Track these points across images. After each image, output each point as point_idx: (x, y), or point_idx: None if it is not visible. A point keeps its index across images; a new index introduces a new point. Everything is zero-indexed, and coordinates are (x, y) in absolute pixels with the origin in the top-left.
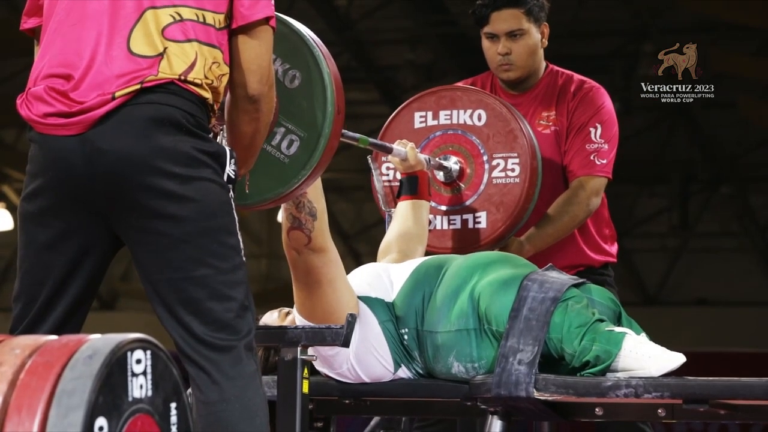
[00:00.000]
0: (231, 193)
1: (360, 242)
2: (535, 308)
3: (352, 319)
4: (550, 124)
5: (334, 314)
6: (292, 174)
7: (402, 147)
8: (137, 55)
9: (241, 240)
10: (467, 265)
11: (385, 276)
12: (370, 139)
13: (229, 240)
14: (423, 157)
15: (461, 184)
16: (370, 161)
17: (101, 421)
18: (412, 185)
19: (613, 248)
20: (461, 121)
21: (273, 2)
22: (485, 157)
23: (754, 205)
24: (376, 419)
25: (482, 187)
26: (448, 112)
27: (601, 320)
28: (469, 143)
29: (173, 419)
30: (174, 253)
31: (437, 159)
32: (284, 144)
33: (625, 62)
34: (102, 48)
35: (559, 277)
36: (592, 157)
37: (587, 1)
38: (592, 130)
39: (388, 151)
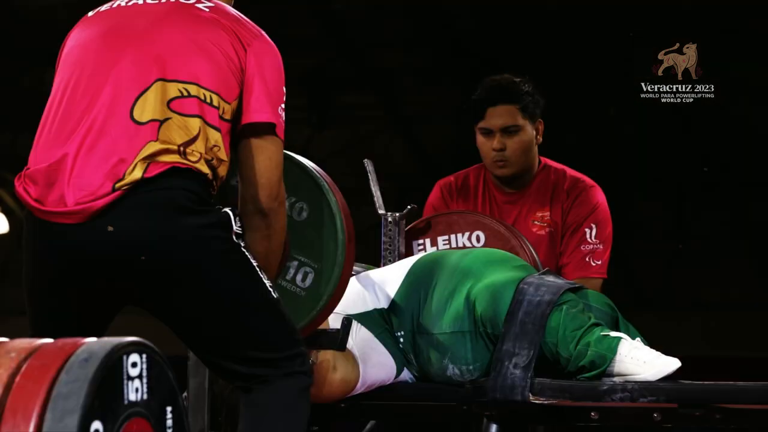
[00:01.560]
0: (242, 244)
1: (357, 245)
2: (531, 312)
3: (348, 323)
4: (545, 225)
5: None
6: (311, 306)
7: None
8: (138, 122)
9: (266, 280)
10: (464, 265)
11: (371, 285)
12: None
13: (255, 290)
14: None
15: None
16: (366, 164)
17: (97, 425)
18: None
19: None
20: (460, 245)
21: (283, 118)
22: None
23: (751, 208)
24: (371, 423)
25: None
26: (446, 237)
27: (597, 324)
28: None
29: (169, 422)
30: (201, 327)
31: None
32: (299, 277)
33: (622, 63)
34: (102, 118)
35: (556, 281)
36: (587, 259)
37: None
38: (588, 230)
39: None
